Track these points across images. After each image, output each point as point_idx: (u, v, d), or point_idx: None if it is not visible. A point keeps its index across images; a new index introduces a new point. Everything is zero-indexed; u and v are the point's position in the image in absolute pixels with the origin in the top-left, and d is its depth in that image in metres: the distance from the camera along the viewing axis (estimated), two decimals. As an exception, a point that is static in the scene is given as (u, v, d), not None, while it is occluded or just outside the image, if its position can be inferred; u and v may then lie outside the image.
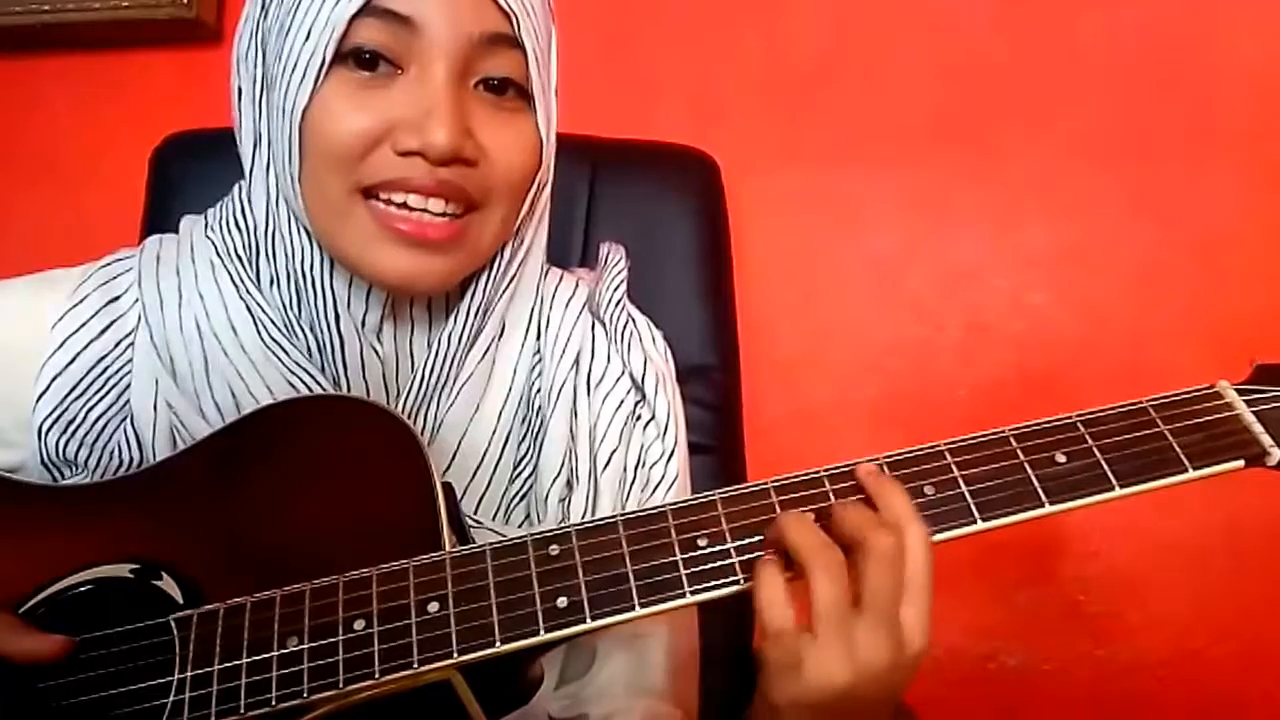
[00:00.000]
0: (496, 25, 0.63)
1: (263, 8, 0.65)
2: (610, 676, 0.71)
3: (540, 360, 0.74)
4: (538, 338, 0.75)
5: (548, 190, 0.72)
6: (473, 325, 0.71)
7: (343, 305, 0.68)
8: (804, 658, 0.51)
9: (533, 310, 0.75)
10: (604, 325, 0.77)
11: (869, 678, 0.51)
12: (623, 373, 0.75)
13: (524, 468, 0.73)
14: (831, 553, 0.51)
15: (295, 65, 0.61)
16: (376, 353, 0.69)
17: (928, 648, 0.52)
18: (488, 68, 0.63)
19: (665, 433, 0.75)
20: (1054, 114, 1.29)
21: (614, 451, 0.72)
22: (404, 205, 0.62)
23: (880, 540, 0.51)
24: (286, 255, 0.67)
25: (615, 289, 0.79)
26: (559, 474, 0.71)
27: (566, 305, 0.77)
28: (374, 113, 0.61)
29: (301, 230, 0.67)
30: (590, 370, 0.74)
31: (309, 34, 0.60)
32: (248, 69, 0.67)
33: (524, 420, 0.73)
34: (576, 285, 0.79)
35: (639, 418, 0.75)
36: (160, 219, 1.04)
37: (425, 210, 0.62)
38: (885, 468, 0.56)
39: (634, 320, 0.79)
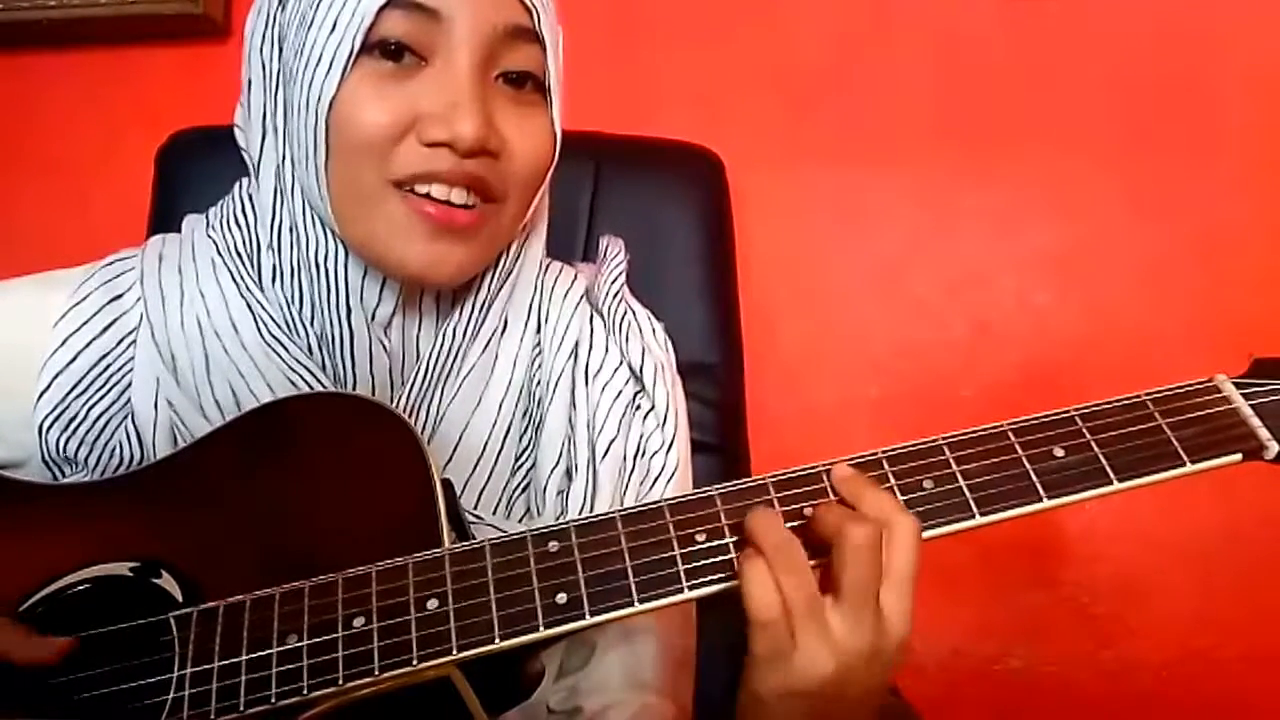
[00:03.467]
0: (518, 19, 0.64)
1: (280, 2, 0.66)
2: (607, 670, 0.71)
3: (540, 353, 0.75)
4: (537, 331, 0.75)
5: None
6: (476, 319, 0.72)
7: (355, 297, 0.68)
8: (789, 648, 0.51)
9: (532, 303, 0.76)
10: (602, 316, 0.77)
11: (851, 664, 0.51)
12: (621, 363, 0.75)
13: (525, 461, 0.73)
14: (791, 547, 0.52)
15: (320, 58, 0.62)
16: (384, 346, 0.69)
17: (910, 636, 0.52)
18: (509, 61, 0.65)
19: (665, 422, 0.75)
20: (1059, 114, 1.29)
21: (613, 441, 0.72)
22: (427, 195, 0.63)
23: (855, 531, 0.51)
24: (299, 247, 0.67)
25: (614, 280, 0.80)
26: (557, 464, 0.71)
27: (565, 297, 0.77)
28: (400, 104, 0.62)
29: (317, 221, 0.67)
30: (589, 360, 0.74)
31: (334, 26, 0.61)
32: (261, 62, 0.67)
33: (525, 413, 0.74)
34: (575, 277, 0.79)
35: (638, 407, 0.75)
36: (166, 216, 1.05)
37: (449, 201, 0.63)
38: (885, 462, 0.56)
39: (633, 311, 0.79)
